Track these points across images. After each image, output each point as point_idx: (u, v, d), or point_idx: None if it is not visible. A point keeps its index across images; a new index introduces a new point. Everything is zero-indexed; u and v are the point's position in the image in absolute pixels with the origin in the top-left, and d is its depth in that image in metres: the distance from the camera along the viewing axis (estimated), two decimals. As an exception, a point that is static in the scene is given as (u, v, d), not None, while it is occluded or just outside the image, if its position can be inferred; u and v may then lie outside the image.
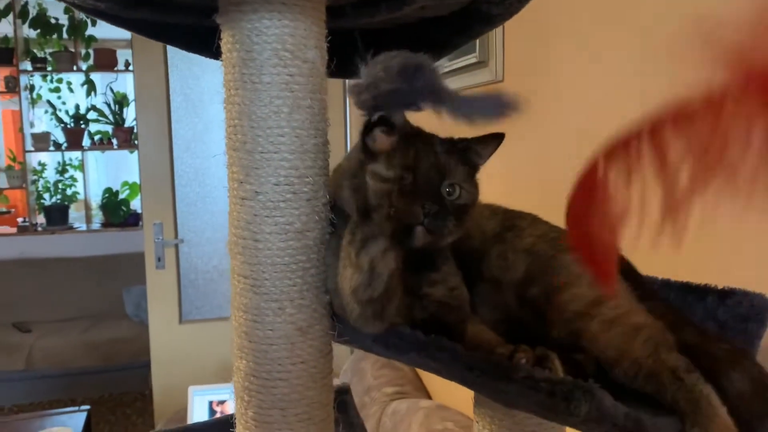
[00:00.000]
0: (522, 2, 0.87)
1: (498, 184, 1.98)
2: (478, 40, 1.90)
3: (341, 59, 0.87)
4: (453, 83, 2.11)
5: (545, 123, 1.70)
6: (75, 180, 5.23)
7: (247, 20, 0.73)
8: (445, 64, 2.12)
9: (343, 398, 2.00)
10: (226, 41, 0.76)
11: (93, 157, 5.53)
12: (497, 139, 0.79)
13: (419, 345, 0.73)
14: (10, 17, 4.61)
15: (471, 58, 1.95)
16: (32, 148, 4.90)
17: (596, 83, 1.47)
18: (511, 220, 0.92)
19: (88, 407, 3.13)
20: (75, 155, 5.19)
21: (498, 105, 0.66)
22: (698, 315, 0.86)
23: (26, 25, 4.64)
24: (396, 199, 0.72)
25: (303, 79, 0.75)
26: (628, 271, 0.93)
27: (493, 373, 0.66)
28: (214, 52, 0.78)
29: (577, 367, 0.73)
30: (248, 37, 0.73)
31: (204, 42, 0.82)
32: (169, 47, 3.32)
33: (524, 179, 1.82)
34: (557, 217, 1.65)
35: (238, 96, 0.75)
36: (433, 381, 2.57)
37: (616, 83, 1.39)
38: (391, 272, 0.70)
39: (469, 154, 0.79)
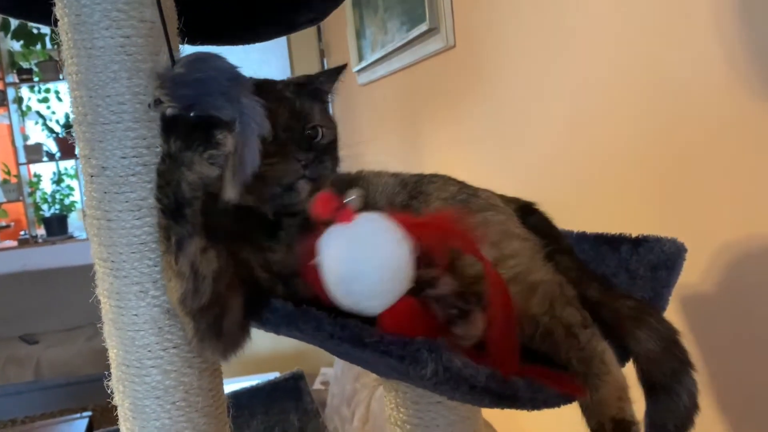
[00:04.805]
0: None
1: (454, 149, 1.91)
2: (427, 6, 1.83)
3: (204, 21, 0.81)
4: (408, 56, 2.04)
5: (499, 88, 1.62)
6: (72, 189, 5.22)
7: (73, -20, 0.67)
8: (401, 37, 2.05)
9: (297, 384, 1.96)
10: (57, 7, 0.70)
11: (89, 165, 5.52)
12: (340, 69, 0.80)
13: (289, 317, 0.67)
14: (-8, 31, 4.60)
15: (422, 27, 1.88)
16: (25, 160, 4.90)
17: (549, 45, 1.39)
18: (419, 187, 0.87)
19: (89, 414, 3.12)
20: (70, 164, 5.18)
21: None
22: (611, 267, 0.80)
23: (9, 36, 4.62)
24: (264, 162, 0.67)
25: (141, 41, 0.69)
26: (543, 224, 0.87)
27: (350, 340, 0.60)
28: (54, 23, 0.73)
29: None
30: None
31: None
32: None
33: (479, 144, 1.75)
34: (511, 180, 1.58)
35: (74, 65, 0.69)
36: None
37: (569, 46, 1.31)
38: (216, 272, 0.65)
39: (316, 91, 0.78)
